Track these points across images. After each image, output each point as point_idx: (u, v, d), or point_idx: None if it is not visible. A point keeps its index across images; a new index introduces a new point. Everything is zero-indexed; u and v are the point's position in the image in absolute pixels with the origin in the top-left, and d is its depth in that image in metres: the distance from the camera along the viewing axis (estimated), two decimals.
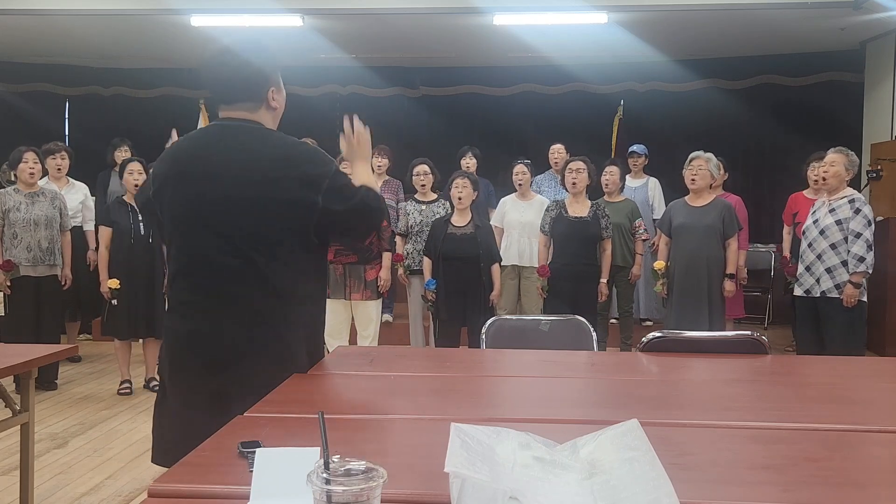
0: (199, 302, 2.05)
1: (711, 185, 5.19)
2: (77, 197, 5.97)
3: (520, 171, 5.76)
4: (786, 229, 5.99)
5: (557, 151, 6.71)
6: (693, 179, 4.98)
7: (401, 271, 5.57)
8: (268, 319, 2.02)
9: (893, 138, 7.21)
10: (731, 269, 4.96)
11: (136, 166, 5.17)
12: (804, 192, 5.92)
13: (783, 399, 1.95)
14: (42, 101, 9.12)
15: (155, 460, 2.17)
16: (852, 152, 4.69)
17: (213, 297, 2.03)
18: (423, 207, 5.60)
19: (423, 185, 5.62)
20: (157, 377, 2.20)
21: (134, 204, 5.14)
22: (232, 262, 2.01)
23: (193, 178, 2.05)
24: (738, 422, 1.68)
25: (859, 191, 4.94)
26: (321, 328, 2.22)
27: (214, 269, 2.02)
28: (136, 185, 5.11)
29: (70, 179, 6.02)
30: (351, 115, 2.28)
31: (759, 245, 7.46)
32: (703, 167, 4.97)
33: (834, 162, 4.62)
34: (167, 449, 2.07)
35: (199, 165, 2.06)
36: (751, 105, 8.43)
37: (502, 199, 5.95)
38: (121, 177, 5.28)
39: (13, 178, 5.39)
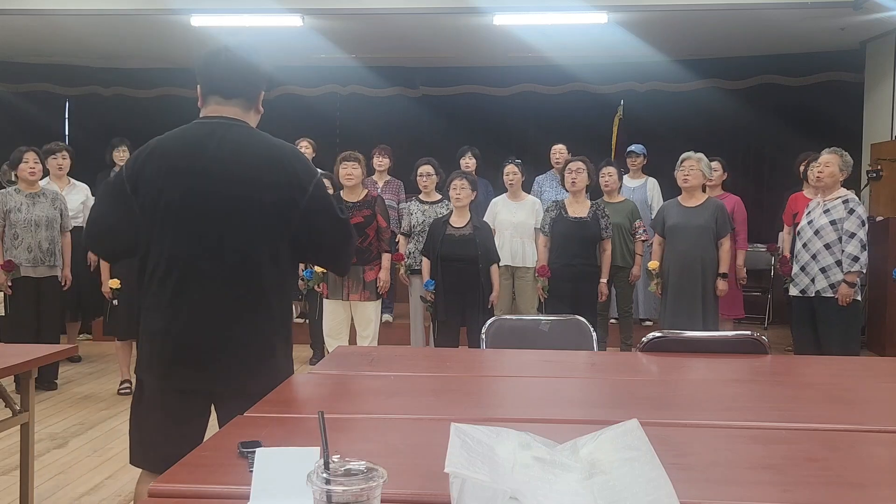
0: (185, 300, 2.04)
1: (706, 185, 5.20)
2: (78, 197, 5.97)
3: (510, 171, 5.74)
4: (786, 229, 5.98)
5: (559, 151, 6.71)
6: (686, 179, 5.01)
7: (402, 271, 5.56)
8: (252, 316, 2.05)
9: (893, 138, 7.20)
10: (724, 269, 4.98)
11: None
12: (804, 191, 5.91)
13: (783, 399, 1.95)
14: (42, 101, 9.12)
15: (135, 462, 2.17)
16: (846, 152, 4.72)
17: (201, 294, 2.03)
18: (426, 207, 5.60)
19: (425, 186, 5.62)
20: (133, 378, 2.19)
21: None
22: (220, 260, 2.03)
23: (186, 174, 2.04)
24: (738, 422, 1.68)
25: (859, 191, 4.96)
26: (291, 324, 2.25)
27: (203, 266, 2.03)
28: None
29: (71, 180, 6.02)
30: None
31: (758, 245, 7.46)
32: (694, 167, 4.99)
33: (829, 162, 4.64)
34: (149, 450, 2.10)
35: (192, 161, 2.06)
36: (751, 105, 8.42)
37: (493, 200, 5.92)
38: None
39: (14, 179, 5.39)
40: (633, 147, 6.95)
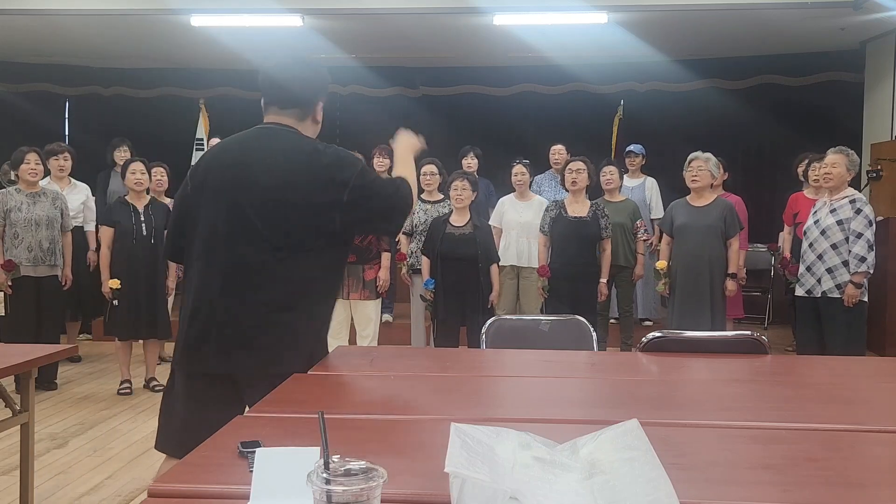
0: (219, 288, 2.15)
1: (712, 184, 5.20)
2: (79, 197, 5.97)
3: (519, 171, 5.76)
4: (786, 229, 5.99)
5: (558, 152, 6.71)
6: (694, 180, 5.01)
7: (403, 271, 5.56)
8: (284, 310, 2.14)
9: (893, 138, 7.21)
10: (732, 269, 4.98)
11: (138, 166, 5.18)
12: (804, 191, 5.91)
13: (783, 399, 1.95)
14: (42, 101, 9.11)
15: (159, 447, 2.31)
16: (852, 152, 4.70)
17: (236, 284, 2.15)
18: (429, 207, 5.60)
19: (428, 184, 5.62)
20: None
21: (136, 204, 5.15)
22: (257, 254, 2.14)
23: (231, 175, 2.20)
24: (738, 422, 1.68)
25: (859, 191, 4.95)
26: (328, 323, 2.35)
27: (239, 258, 2.14)
28: (138, 185, 5.13)
29: (72, 180, 6.02)
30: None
31: (758, 245, 7.46)
32: (702, 167, 4.99)
33: (836, 163, 4.62)
34: (171, 436, 2.24)
35: (236, 164, 2.22)
36: (751, 105, 8.42)
37: (500, 200, 5.94)
38: (123, 177, 5.29)
39: (14, 179, 5.39)
40: (631, 147, 6.96)
